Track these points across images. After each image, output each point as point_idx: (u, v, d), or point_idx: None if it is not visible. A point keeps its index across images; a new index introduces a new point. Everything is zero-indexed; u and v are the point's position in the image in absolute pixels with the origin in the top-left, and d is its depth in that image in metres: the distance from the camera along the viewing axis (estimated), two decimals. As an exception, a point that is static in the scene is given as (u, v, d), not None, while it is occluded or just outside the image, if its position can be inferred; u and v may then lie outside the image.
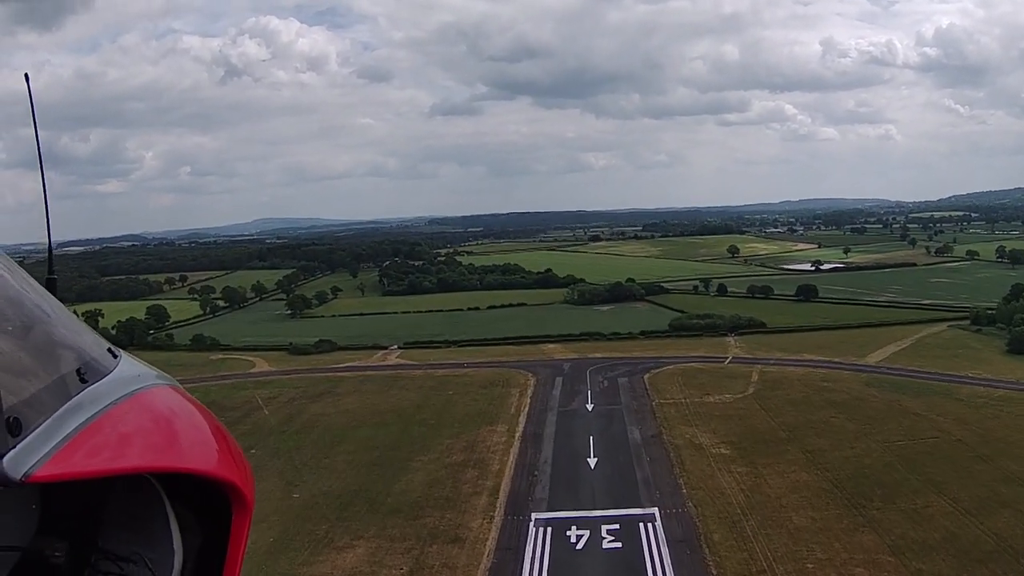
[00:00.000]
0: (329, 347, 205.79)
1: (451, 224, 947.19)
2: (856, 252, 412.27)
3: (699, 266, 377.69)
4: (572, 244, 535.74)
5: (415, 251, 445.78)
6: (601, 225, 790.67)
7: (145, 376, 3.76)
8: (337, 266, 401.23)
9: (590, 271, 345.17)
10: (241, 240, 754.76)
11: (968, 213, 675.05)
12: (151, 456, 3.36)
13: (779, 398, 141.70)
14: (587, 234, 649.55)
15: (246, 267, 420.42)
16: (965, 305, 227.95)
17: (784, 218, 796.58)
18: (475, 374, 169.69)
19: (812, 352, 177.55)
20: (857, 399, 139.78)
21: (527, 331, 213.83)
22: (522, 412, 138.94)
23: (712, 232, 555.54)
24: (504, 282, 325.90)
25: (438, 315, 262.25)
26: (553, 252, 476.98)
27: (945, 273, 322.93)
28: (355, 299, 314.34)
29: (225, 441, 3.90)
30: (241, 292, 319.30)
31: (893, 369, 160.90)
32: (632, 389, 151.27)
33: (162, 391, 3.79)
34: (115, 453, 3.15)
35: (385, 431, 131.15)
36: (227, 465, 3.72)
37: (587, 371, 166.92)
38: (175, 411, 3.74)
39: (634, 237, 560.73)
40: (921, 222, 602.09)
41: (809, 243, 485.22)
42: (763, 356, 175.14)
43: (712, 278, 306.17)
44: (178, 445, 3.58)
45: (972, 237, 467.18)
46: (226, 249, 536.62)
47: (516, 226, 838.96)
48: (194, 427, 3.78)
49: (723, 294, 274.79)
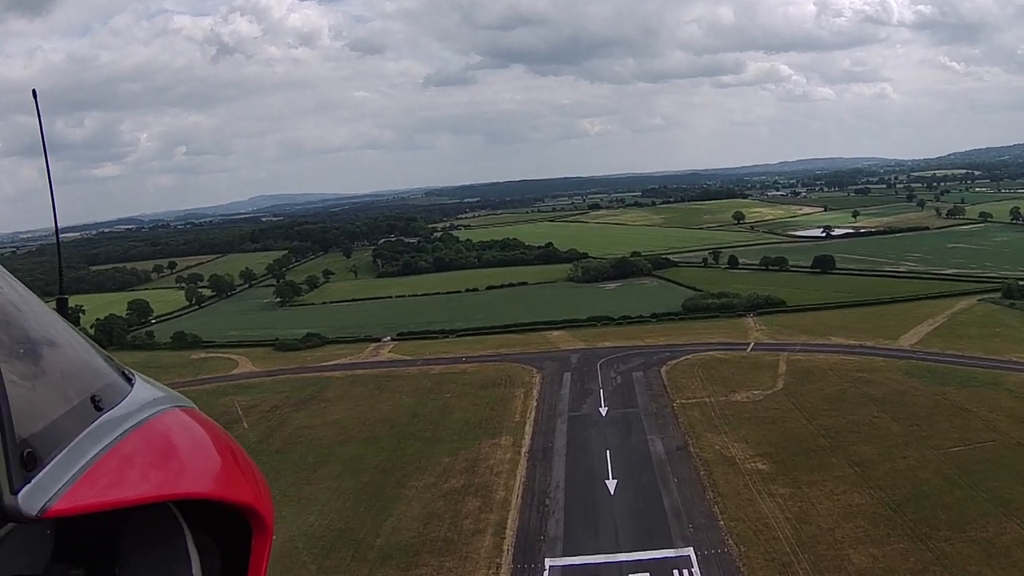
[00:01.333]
0: (318, 341, 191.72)
1: (448, 195, 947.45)
2: (864, 215, 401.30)
3: (705, 235, 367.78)
4: (572, 214, 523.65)
5: (411, 227, 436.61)
6: (599, 191, 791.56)
7: (160, 400, 3.78)
8: (330, 246, 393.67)
9: (593, 244, 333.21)
10: (237, 219, 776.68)
11: (971, 171, 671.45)
12: (168, 484, 3.36)
13: (813, 394, 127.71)
14: (586, 202, 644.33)
15: (238, 250, 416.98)
16: (991, 275, 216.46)
17: (784, 179, 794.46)
18: (475, 371, 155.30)
19: (839, 334, 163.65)
20: (898, 392, 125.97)
21: (530, 316, 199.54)
22: (528, 419, 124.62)
23: (714, 197, 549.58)
24: (503, 259, 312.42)
25: (434, 298, 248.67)
26: (553, 223, 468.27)
27: (961, 238, 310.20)
28: (348, 282, 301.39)
29: (242, 463, 3.93)
30: (229, 280, 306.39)
31: (930, 354, 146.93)
32: (649, 386, 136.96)
33: (177, 415, 3.81)
34: (131, 483, 3.15)
35: (375, 448, 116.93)
36: (244, 488, 3.76)
37: (597, 364, 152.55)
38: (190, 436, 3.76)
39: (635, 204, 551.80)
40: (924, 181, 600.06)
41: (814, 206, 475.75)
42: (787, 341, 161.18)
43: (720, 248, 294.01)
44: (194, 471, 3.59)
45: (980, 197, 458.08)
46: (219, 232, 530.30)
47: (514, 195, 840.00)
48: (210, 451, 3.77)
49: (734, 267, 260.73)
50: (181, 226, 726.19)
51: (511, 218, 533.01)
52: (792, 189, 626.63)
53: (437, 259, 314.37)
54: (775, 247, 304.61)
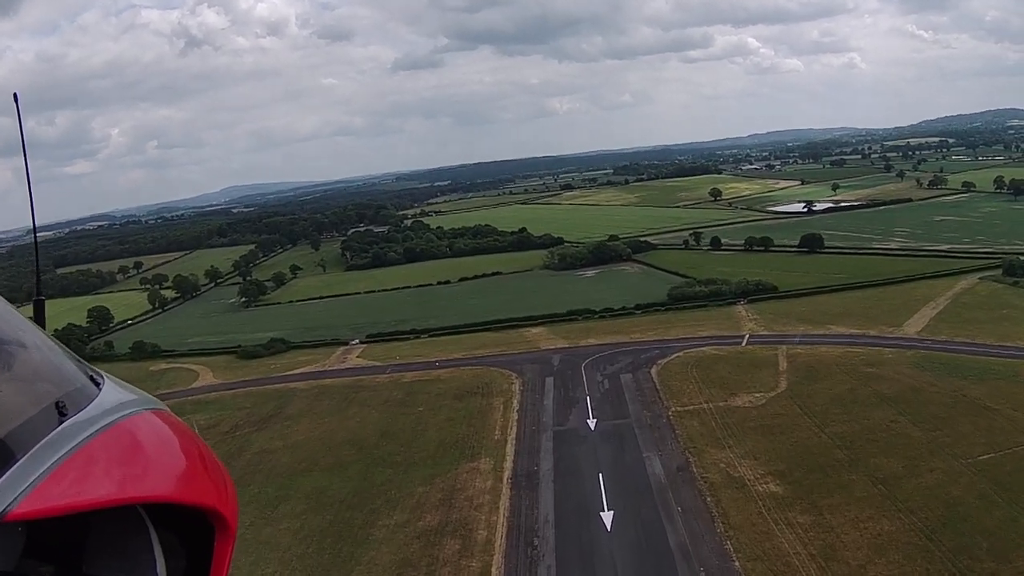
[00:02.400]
0: (282, 347, 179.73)
1: (419, 179, 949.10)
2: (843, 188, 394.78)
3: (682, 214, 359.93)
4: (544, 195, 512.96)
5: (380, 215, 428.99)
6: (571, 170, 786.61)
7: (127, 403, 3.78)
8: (299, 238, 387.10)
9: (568, 227, 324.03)
10: (208, 212, 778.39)
11: (945, 139, 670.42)
12: (131, 488, 3.36)
13: (820, 395, 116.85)
14: (557, 182, 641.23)
15: (206, 245, 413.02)
16: (987, 251, 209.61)
17: (756, 152, 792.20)
18: (449, 377, 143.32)
19: (839, 322, 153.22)
20: (912, 390, 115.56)
21: (506, 311, 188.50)
22: (509, 435, 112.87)
23: (688, 173, 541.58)
24: (476, 246, 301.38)
25: (405, 292, 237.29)
26: (525, 206, 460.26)
27: (947, 209, 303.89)
28: (316, 277, 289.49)
29: (208, 466, 3.92)
30: (193, 280, 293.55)
31: (938, 342, 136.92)
32: (640, 391, 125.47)
33: (144, 418, 3.80)
34: (94, 486, 3.15)
35: (341, 477, 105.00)
36: (208, 492, 3.75)
37: (582, 366, 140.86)
38: (156, 439, 3.76)
39: (608, 183, 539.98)
40: (899, 150, 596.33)
41: (790, 180, 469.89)
42: (785, 331, 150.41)
43: (700, 228, 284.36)
44: (159, 474, 3.59)
45: (958, 165, 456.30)
46: (188, 227, 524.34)
47: (485, 177, 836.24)
48: (175, 454, 3.78)
49: (717, 248, 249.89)
50: (152, 221, 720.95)
51: (483, 202, 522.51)
52: (766, 162, 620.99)
53: (407, 250, 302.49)
54: (757, 225, 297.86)
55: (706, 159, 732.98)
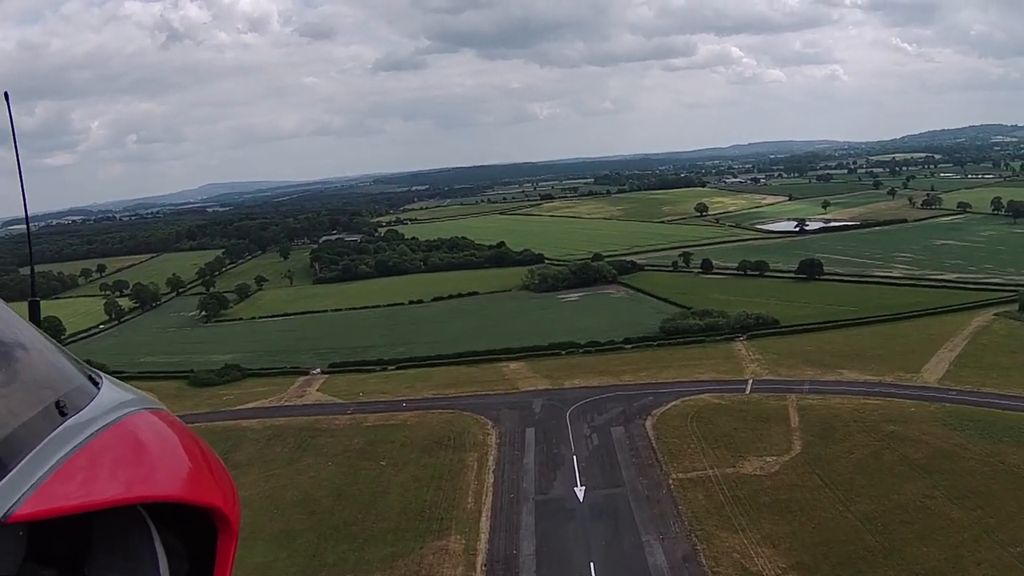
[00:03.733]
0: (237, 374, 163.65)
1: (397, 182, 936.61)
2: (834, 206, 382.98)
3: (668, 230, 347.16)
4: (523, 205, 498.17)
5: (354, 222, 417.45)
6: (550, 178, 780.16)
7: (127, 403, 3.77)
8: (269, 244, 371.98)
9: (548, 242, 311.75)
10: (184, 209, 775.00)
11: (930, 155, 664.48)
12: (133, 487, 3.35)
13: (840, 460, 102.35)
14: (537, 189, 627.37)
15: (174, 248, 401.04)
16: (998, 282, 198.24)
17: (738, 164, 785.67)
18: (416, 423, 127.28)
19: (851, 365, 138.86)
20: (944, 455, 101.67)
21: (482, 339, 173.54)
22: (484, 504, 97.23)
23: (672, 185, 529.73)
24: (452, 261, 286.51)
25: (374, 313, 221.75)
26: (504, 216, 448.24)
27: (946, 232, 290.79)
28: (282, 290, 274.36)
29: (209, 465, 3.90)
30: (153, 289, 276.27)
31: (964, 393, 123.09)
32: (634, 450, 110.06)
33: (143, 418, 3.78)
34: (96, 487, 3.16)
35: (289, 550, 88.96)
36: (210, 490, 3.74)
37: (566, 414, 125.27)
38: (157, 438, 3.75)
39: (589, 194, 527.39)
40: (884, 165, 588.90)
41: (778, 195, 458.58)
42: (792, 376, 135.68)
43: (688, 247, 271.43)
44: (161, 473, 3.58)
45: (948, 183, 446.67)
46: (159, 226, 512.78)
47: (463, 182, 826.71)
48: (177, 453, 3.76)
49: (709, 271, 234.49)
50: (127, 218, 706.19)
51: (460, 210, 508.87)
52: (750, 175, 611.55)
53: (379, 263, 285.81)
54: (748, 245, 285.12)
55: (688, 170, 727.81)
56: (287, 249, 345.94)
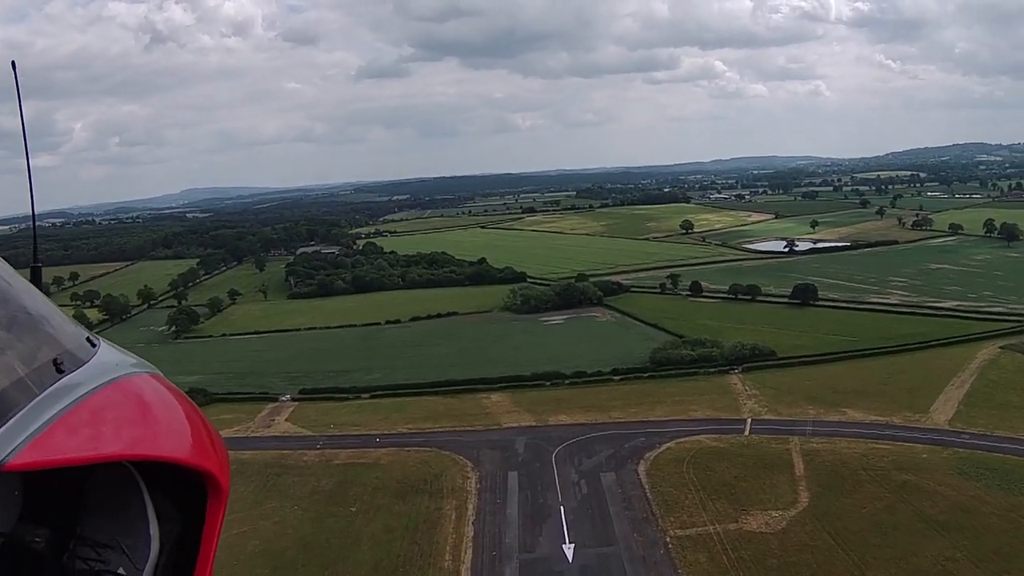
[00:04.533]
0: (202, 400, 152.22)
1: (378, 191, 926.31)
2: (821, 225, 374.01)
3: (654, 248, 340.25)
4: (505, 218, 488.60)
5: (332, 234, 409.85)
6: (531, 190, 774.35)
7: (123, 364, 3.85)
8: (245, 255, 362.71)
9: (530, 259, 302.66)
10: (164, 215, 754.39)
11: (915, 173, 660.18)
12: (129, 444, 3.44)
13: (851, 513, 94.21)
14: (518, 201, 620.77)
15: (149, 256, 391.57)
16: (998, 310, 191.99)
17: (721, 179, 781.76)
18: (390, 462, 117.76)
19: (854, 404, 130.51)
20: (962, 509, 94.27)
21: (461, 365, 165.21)
22: (462, 563, 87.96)
23: (655, 201, 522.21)
24: (431, 278, 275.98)
25: (350, 332, 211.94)
26: (486, 230, 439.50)
27: (939, 255, 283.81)
28: (255, 304, 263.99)
29: (203, 429, 3.96)
30: (123, 301, 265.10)
31: (977, 437, 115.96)
32: (627, 500, 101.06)
33: (140, 379, 3.86)
34: (92, 441, 3.23)
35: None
36: (204, 453, 3.80)
37: (552, 456, 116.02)
38: (153, 399, 3.83)
39: (572, 208, 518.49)
40: (870, 183, 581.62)
41: (764, 213, 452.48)
42: (793, 415, 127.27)
43: (675, 267, 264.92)
44: (155, 433, 3.66)
45: (936, 202, 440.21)
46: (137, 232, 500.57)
47: (445, 192, 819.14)
48: (172, 415, 3.85)
49: (698, 294, 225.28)
50: (107, 222, 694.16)
51: (441, 223, 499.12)
52: (734, 191, 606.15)
53: (356, 278, 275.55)
54: (737, 267, 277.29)
55: (671, 184, 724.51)
56: (263, 261, 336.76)
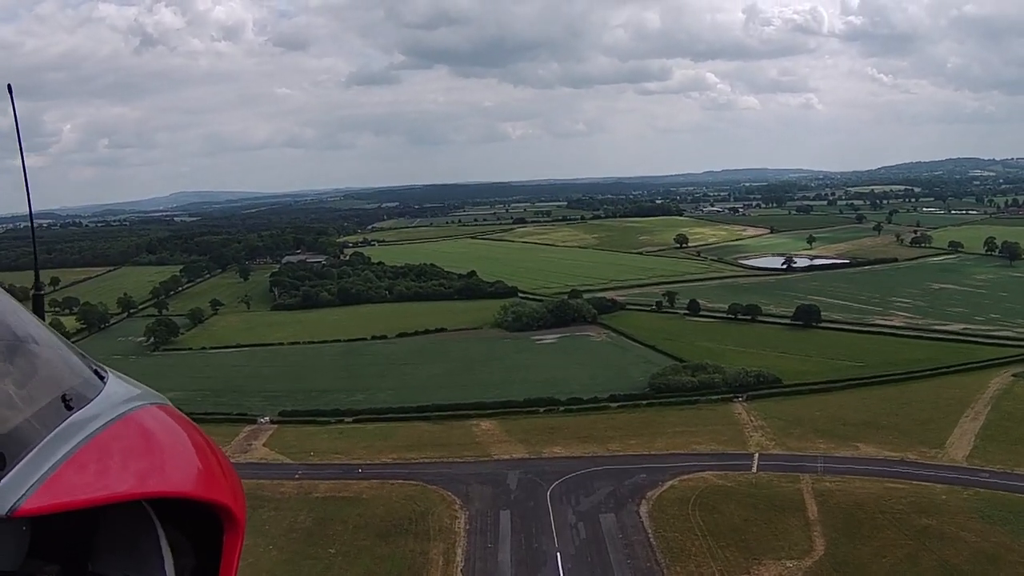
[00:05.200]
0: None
1: (367, 198, 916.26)
2: (818, 240, 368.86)
3: (648, 262, 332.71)
4: (495, 229, 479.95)
5: (319, 242, 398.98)
6: (521, 199, 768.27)
7: (133, 398, 3.77)
8: (229, 262, 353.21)
9: (522, 272, 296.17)
10: (153, 218, 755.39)
11: (909, 188, 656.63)
12: (140, 482, 3.36)
13: (872, 566, 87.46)
14: (508, 211, 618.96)
15: (132, 262, 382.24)
16: (1006, 334, 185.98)
17: (713, 191, 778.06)
18: (373, 497, 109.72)
19: (866, 437, 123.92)
20: (987, 558, 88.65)
21: (450, 387, 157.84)
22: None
23: (648, 213, 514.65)
24: (419, 291, 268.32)
25: (334, 348, 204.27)
26: (475, 241, 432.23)
27: (940, 274, 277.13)
28: (238, 315, 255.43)
29: (216, 462, 3.90)
30: (102, 310, 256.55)
31: (998, 475, 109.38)
32: (628, 546, 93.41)
33: (150, 412, 3.78)
34: (103, 481, 3.16)
35: None
36: (217, 487, 3.73)
37: (547, 493, 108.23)
38: (164, 433, 3.74)
39: (563, 219, 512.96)
40: (864, 197, 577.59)
41: (758, 227, 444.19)
42: (802, 449, 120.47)
43: (671, 283, 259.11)
44: (167, 469, 3.58)
45: (933, 218, 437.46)
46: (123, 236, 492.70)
47: (434, 200, 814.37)
48: (184, 449, 3.76)
49: (696, 312, 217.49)
50: (94, 224, 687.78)
51: (430, 232, 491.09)
52: (727, 204, 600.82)
53: (342, 290, 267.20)
54: (734, 283, 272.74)
55: (662, 195, 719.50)
56: (247, 270, 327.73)
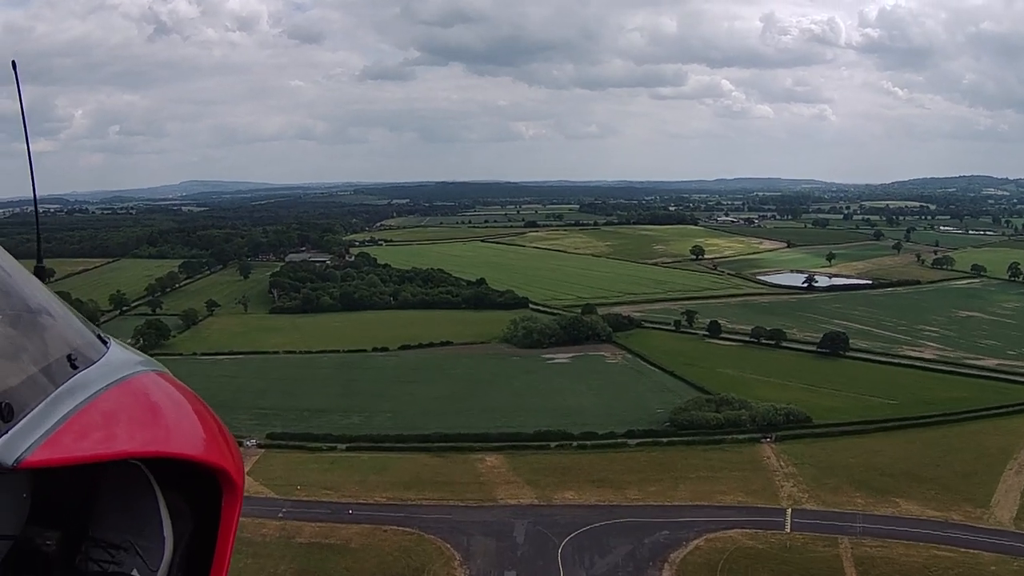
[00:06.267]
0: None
1: (377, 193, 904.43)
2: (837, 257, 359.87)
3: (663, 275, 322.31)
4: (506, 233, 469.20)
5: (324, 240, 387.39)
6: (532, 200, 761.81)
7: (135, 363, 3.85)
8: (230, 258, 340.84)
9: (533, 281, 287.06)
10: (160, 206, 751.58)
11: (925, 204, 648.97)
12: (143, 441, 3.42)
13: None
14: (520, 212, 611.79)
15: (132, 254, 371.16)
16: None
17: (727, 200, 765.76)
18: (363, 546, 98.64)
19: (906, 491, 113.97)
20: None
21: (453, 414, 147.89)
22: None
23: (661, 221, 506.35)
24: (426, 298, 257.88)
25: (331, 359, 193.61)
26: (486, 245, 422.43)
27: (967, 301, 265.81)
28: (234, 318, 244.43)
29: (215, 427, 3.95)
30: (93, 307, 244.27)
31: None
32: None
33: (152, 377, 3.86)
34: (106, 438, 3.21)
35: None
36: (217, 451, 3.79)
37: (558, 551, 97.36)
38: (166, 397, 3.82)
39: (575, 224, 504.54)
40: (879, 212, 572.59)
41: (775, 240, 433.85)
42: (838, 505, 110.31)
43: (687, 299, 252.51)
44: (169, 430, 3.65)
45: (951, 239, 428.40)
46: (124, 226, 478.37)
47: (444, 197, 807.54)
48: (184, 413, 3.84)
49: (716, 334, 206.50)
50: (100, 211, 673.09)
51: (440, 233, 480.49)
52: (742, 214, 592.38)
53: (344, 294, 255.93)
54: (754, 302, 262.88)
55: (675, 202, 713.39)
56: (248, 267, 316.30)
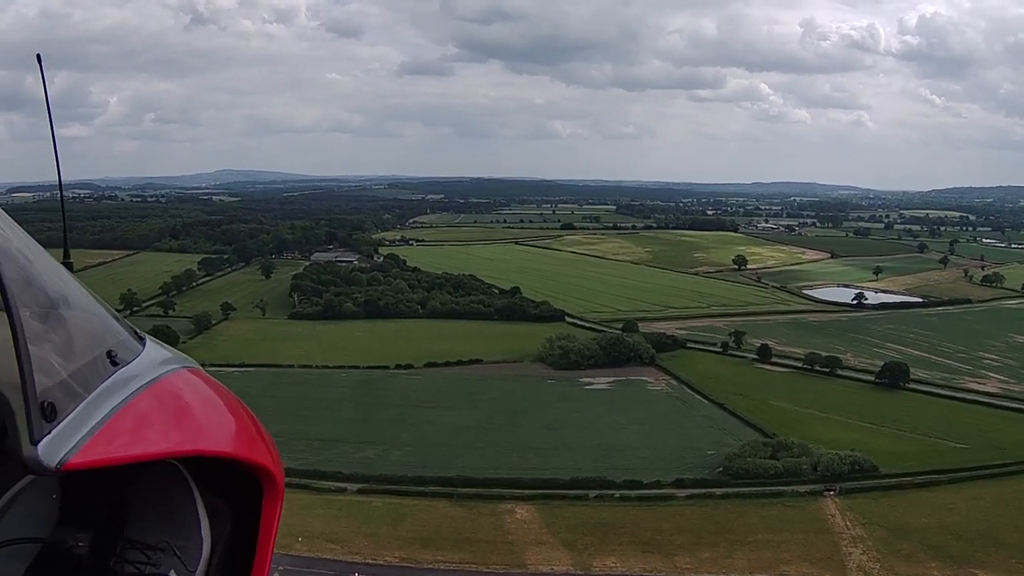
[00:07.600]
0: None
1: (411, 187, 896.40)
2: (885, 272, 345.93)
3: (705, 286, 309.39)
4: (542, 235, 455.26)
5: (353, 239, 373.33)
6: (568, 200, 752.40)
7: (171, 359, 3.83)
8: (253, 255, 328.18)
9: (570, 291, 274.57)
10: (191, 194, 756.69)
11: (965, 215, 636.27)
12: (185, 440, 3.40)
13: None
14: (555, 212, 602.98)
15: (153, 247, 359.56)
16: None
17: (765, 204, 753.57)
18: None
19: (986, 560, 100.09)
20: None
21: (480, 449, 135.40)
22: None
23: (701, 226, 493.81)
24: (455, 307, 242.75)
25: (350, 376, 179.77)
26: (520, 248, 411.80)
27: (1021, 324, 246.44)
28: (250, 323, 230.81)
29: (254, 425, 3.97)
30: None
31: None
32: None
33: (188, 374, 3.84)
34: (148, 438, 3.20)
35: None
36: (256, 448, 3.80)
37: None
38: (204, 395, 3.83)
39: (613, 227, 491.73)
40: (919, 222, 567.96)
41: (817, 250, 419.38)
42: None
43: (733, 316, 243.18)
44: (210, 429, 3.64)
45: (996, 252, 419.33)
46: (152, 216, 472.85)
47: (479, 194, 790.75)
48: (223, 411, 3.84)
49: (766, 359, 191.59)
50: (130, 198, 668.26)
51: (473, 233, 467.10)
52: (781, 221, 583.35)
53: (369, 301, 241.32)
54: (803, 320, 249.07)
55: (712, 205, 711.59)
56: (270, 267, 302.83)
